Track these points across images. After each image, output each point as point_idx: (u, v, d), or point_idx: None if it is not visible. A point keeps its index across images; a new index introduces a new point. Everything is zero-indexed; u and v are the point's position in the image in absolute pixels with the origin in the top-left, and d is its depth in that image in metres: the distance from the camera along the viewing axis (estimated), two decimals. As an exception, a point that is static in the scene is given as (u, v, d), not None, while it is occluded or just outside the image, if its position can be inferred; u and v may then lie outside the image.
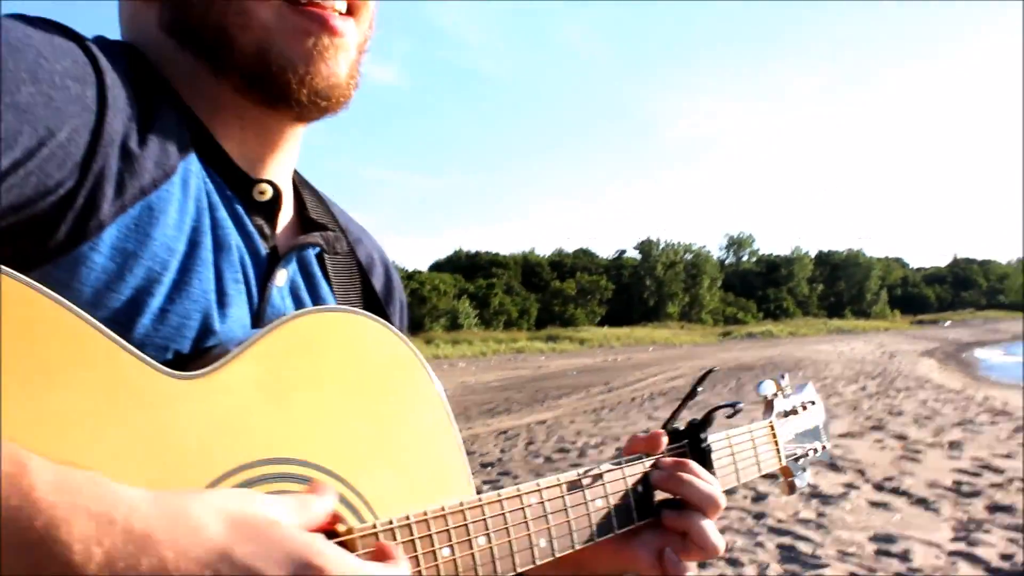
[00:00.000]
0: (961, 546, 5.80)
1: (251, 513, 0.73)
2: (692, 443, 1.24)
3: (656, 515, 1.17)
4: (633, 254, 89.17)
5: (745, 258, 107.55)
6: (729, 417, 1.30)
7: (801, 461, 1.48)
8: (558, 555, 1.04)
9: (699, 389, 1.24)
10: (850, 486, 7.58)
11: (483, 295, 67.71)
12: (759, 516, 6.43)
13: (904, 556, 5.61)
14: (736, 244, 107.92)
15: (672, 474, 1.17)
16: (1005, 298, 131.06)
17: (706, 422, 1.24)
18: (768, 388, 1.47)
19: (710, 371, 1.31)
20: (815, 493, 7.24)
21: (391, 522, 0.89)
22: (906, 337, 54.81)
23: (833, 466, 8.53)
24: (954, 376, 23.54)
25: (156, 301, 0.90)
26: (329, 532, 0.86)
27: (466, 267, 77.71)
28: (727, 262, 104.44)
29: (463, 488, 1.00)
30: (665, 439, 1.20)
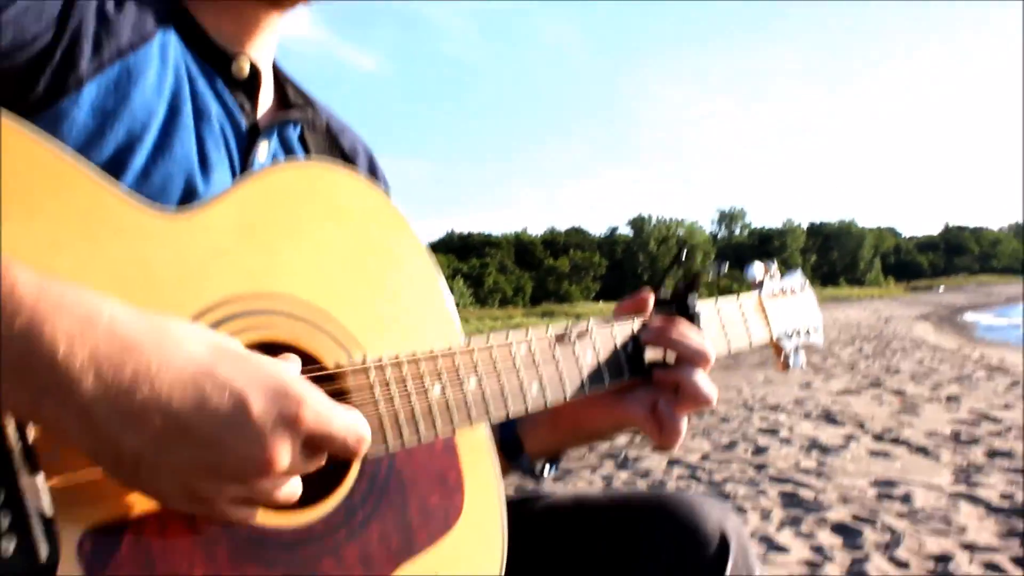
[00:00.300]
0: (961, 488, 5.83)
1: (233, 344, 0.74)
2: (679, 308, 1.24)
3: (647, 374, 1.18)
4: (626, 231, 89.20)
5: (737, 232, 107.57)
6: (716, 277, 1.31)
7: (794, 339, 1.48)
8: (550, 404, 1.05)
9: (683, 257, 1.24)
10: (850, 438, 7.60)
11: (477, 275, 67.83)
12: (760, 467, 6.45)
13: (905, 498, 5.63)
14: (728, 218, 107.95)
15: (661, 331, 1.18)
16: (997, 263, 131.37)
17: (692, 286, 1.23)
18: (757, 271, 1.47)
19: (687, 245, 1.30)
20: (815, 444, 7.27)
21: (381, 359, 0.90)
22: (900, 303, 54.89)
23: (832, 419, 8.56)
24: (949, 337, 23.60)
25: (138, 160, 0.91)
26: (320, 366, 0.87)
27: (459, 248, 77.82)
28: (719, 236, 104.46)
29: (451, 337, 1.00)
30: (652, 298, 1.21)
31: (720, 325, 1.31)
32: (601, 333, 1.14)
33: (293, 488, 0.76)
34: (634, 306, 1.21)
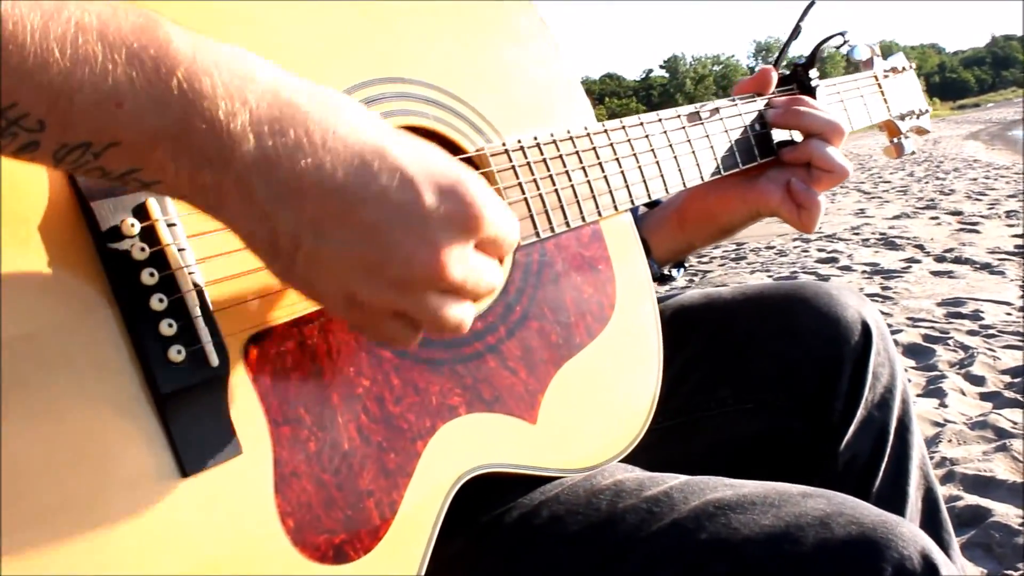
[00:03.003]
0: (1032, 300, 5.74)
1: (401, 131, 0.66)
2: (800, 85, 1.18)
3: (775, 154, 1.13)
4: (660, 72, 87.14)
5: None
6: (838, 48, 1.23)
7: (908, 121, 1.41)
8: (688, 185, 0.99)
9: (802, 25, 1.16)
10: (911, 261, 7.50)
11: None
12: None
13: (976, 315, 5.57)
14: (765, 50, 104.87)
15: (788, 108, 1.12)
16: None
17: (812, 61, 1.17)
18: (863, 51, 1.38)
19: (812, 3, 1.21)
20: (876, 270, 7.19)
21: (521, 142, 0.84)
22: (948, 123, 53.43)
23: (891, 244, 8.44)
24: (1002, 154, 22.99)
25: None
26: (458, 150, 0.81)
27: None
28: (757, 68, 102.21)
29: (585, 119, 0.94)
30: (775, 76, 1.14)
31: (841, 103, 1.25)
32: (729, 112, 1.07)
33: (464, 313, 0.66)
34: (755, 84, 1.14)
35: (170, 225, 0.64)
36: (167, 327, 0.63)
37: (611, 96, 79.73)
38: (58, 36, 0.50)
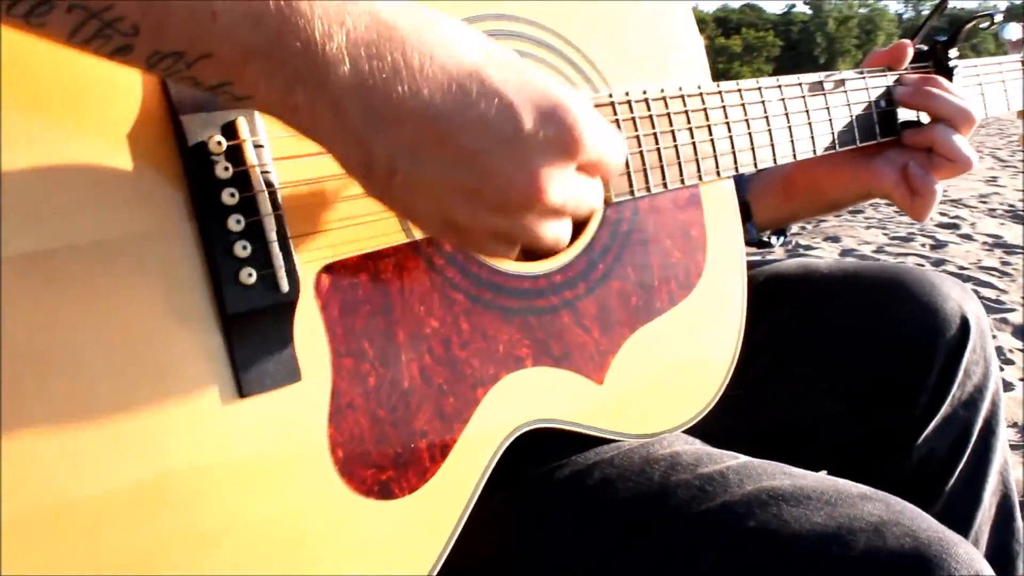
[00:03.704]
0: None
1: (506, 52, 0.63)
2: (937, 64, 1.10)
3: (897, 134, 1.06)
4: (803, 9, 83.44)
5: (926, 12, 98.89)
6: (986, 28, 1.14)
7: (1055, 111, 1.30)
8: (799, 157, 0.94)
9: (945, 5, 1.08)
10: (1036, 238, 7.12)
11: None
12: (939, 263, 6.15)
13: (1097, 304, 5.27)
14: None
15: (918, 88, 1.05)
16: None
17: (953, 40, 1.09)
18: (1014, 31, 1.27)
19: None
20: (999, 243, 6.85)
21: (628, 95, 0.80)
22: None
23: (1019, 218, 8.01)
24: None
25: None
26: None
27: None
28: (906, 16, 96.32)
29: (699, 77, 0.89)
30: (910, 51, 1.06)
31: (979, 86, 1.16)
32: (854, 85, 1.01)
33: (562, 229, 0.66)
34: (888, 58, 1.07)
35: (257, 146, 0.64)
36: (241, 249, 0.63)
37: (749, 27, 76.83)
38: None
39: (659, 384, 0.86)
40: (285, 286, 0.64)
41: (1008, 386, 3.82)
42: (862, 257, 6.23)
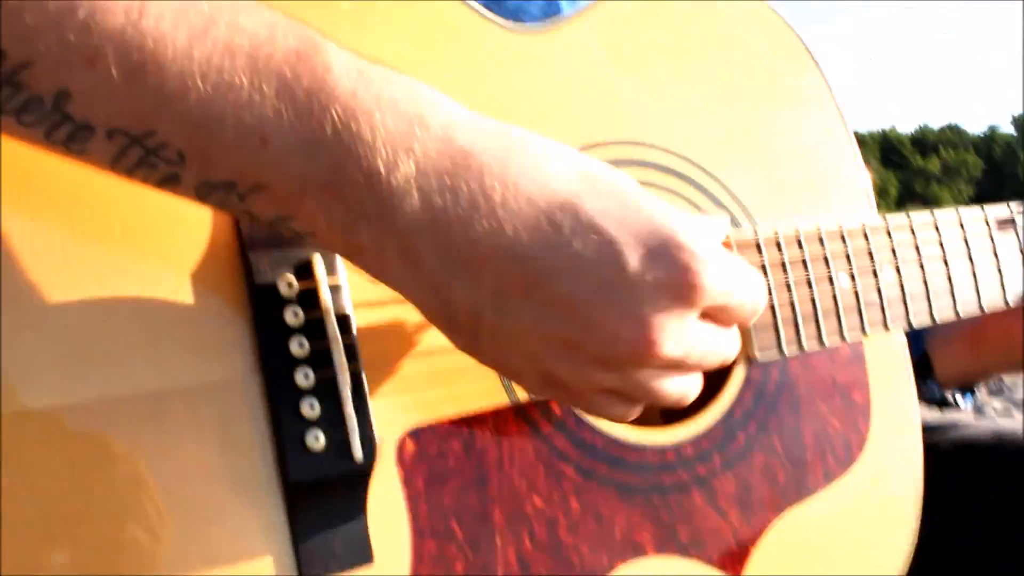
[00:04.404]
0: None
1: (611, 175, 0.53)
2: None
3: None
4: (1007, 129, 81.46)
5: None
6: None
7: None
8: (986, 310, 0.80)
9: None
10: None
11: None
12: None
13: None
14: None
15: None
16: None
17: None
18: None
19: None
20: None
21: (776, 234, 0.68)
22: None
23: None
24: None
25: None
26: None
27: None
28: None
29: (861, 210, 0.77)
30: None
31: None
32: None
33: (687, 385, 0.55)
34: None
35: (334, 288, 0.55)
36: (308, 408, 0.54)
37: (948, 147, 75.33)
38: (202, 59, 0.43)
39: (812, 581, 0.72)
40: (359, 454, 0.55)
41: None
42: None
